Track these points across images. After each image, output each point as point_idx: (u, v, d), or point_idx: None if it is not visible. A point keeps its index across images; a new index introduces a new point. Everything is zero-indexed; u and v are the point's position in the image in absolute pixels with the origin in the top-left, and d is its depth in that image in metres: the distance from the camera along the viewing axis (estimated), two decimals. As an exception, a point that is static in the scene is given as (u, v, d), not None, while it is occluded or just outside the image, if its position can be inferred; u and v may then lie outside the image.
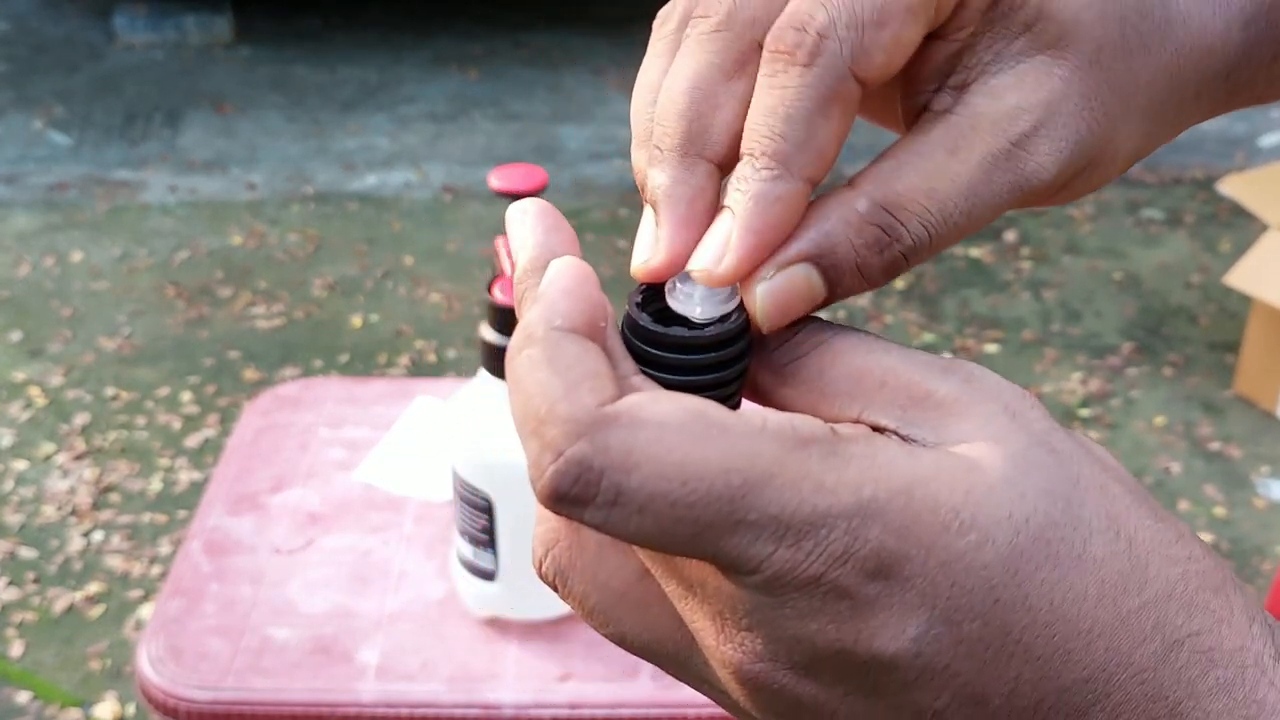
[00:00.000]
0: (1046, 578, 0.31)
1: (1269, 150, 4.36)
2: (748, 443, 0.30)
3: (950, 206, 0.34)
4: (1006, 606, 0.31)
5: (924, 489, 0.31)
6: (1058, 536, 0.31)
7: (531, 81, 4.83)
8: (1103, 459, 0.34)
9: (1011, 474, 0.31)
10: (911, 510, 0.30)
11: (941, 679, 0.31)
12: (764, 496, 0.30)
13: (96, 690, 2.28)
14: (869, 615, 0.31)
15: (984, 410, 0.32)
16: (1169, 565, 0.32)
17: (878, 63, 0.33)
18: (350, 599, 1.18)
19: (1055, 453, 0.32)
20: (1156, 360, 3.22)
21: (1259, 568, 2.55)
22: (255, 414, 1.43)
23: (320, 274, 3.57)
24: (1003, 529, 0.31)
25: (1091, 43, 0.35)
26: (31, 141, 4.34)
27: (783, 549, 0.30)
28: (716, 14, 0.35)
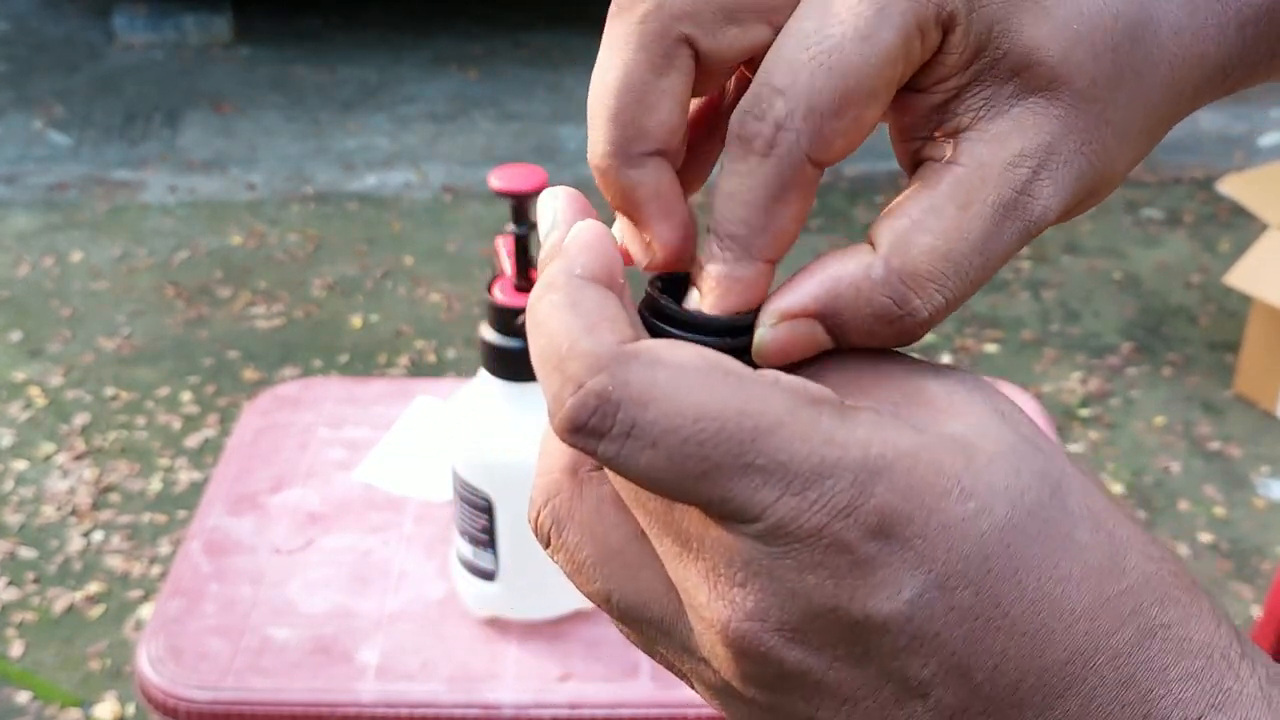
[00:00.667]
0: (1036, 554, 0.31)
1: (1268, 150, 4.36)
2: (762, 391, 0.31)
3: (966, 265, 0.34)
4: (998, 578, 0.31)
5: (929, 453, 0.31)
6: (1050, 517, 0.32)
7: (531, 81, 4.83)
8: (1082, 467, 0.35)
9: (1008, 453, 0.32)
10: (917, 472, 0.31)
11: (930, 646, 0.31)
12: (773, 442, 0.31)
13: (96, 690, 2.28)
14: (867, 573, 0.31)
15: (975, 411, 0.33)
16: (1146, 560, 0.33)
17: (836, 148, 0.34)
18: (350, 599, 1.18)
19: (1041, 451, 0.33)
20: (1156, 360, 3.22)
21: (1259, 568, 2.55)
22: (255, 414, 1.43)
23: (320, 274, 3.57)
24: (1000, 500, 0.31)
25: (1085, 79, 0.35)
26: (31, 141, 4.34)
27: (788, 496, 0.30)
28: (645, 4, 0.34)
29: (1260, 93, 4.75)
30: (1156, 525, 2.66)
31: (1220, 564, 2.56)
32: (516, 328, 1.04)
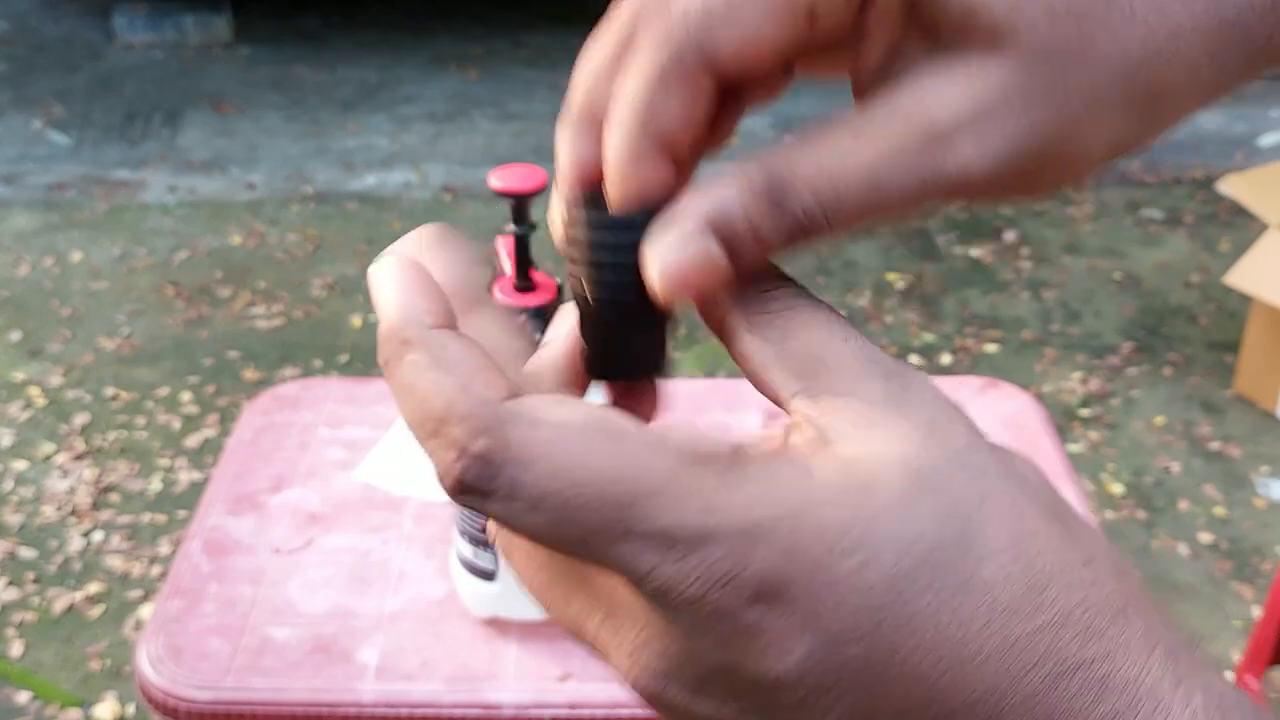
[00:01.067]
0: (932, 600, 0.31)
1: (1269, 150, 4.36)
2: (643, 453, 0.31)
3: (844, 184, 0.34)
4: (890, 628, 0.31)
5: (813, 512, 0.31)
6: (946, 559, 0.31)
7: (531, 81, 4.83)
8: (1023, 476, 0.33)
9: (907, 495, 0.31)
10: (799, 532, 0.30)
11: (828, 699, 0.31)
12: (651, 509, 0.30)
13: (96, 690, 2.28)
14: (753, 638, 0.31)
15: (906, 422, 0.33)
16: (1068, 590, 0.32)
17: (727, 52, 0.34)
18: (350, 599, 1.18)
19: (967, 469, 0.32)
20: (1156, 360, 3.22)
21: (1259, 568, 2.55)
22: (255, 414, 1.43)
23: (320, 274, 3.57)
24: (888, 551, 0.31)
25: (1036, 39, 0.34)
26: (31, 141, 4.34)
27: (667, 563, 0.30)
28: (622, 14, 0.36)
29: (1260, 93, 4.75)
30: (1156, 525, 2.66)
31: (1220, 564, 2.56)
32: (516, 327, 1.04)
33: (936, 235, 3.80)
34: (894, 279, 3.57)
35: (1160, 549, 2.60)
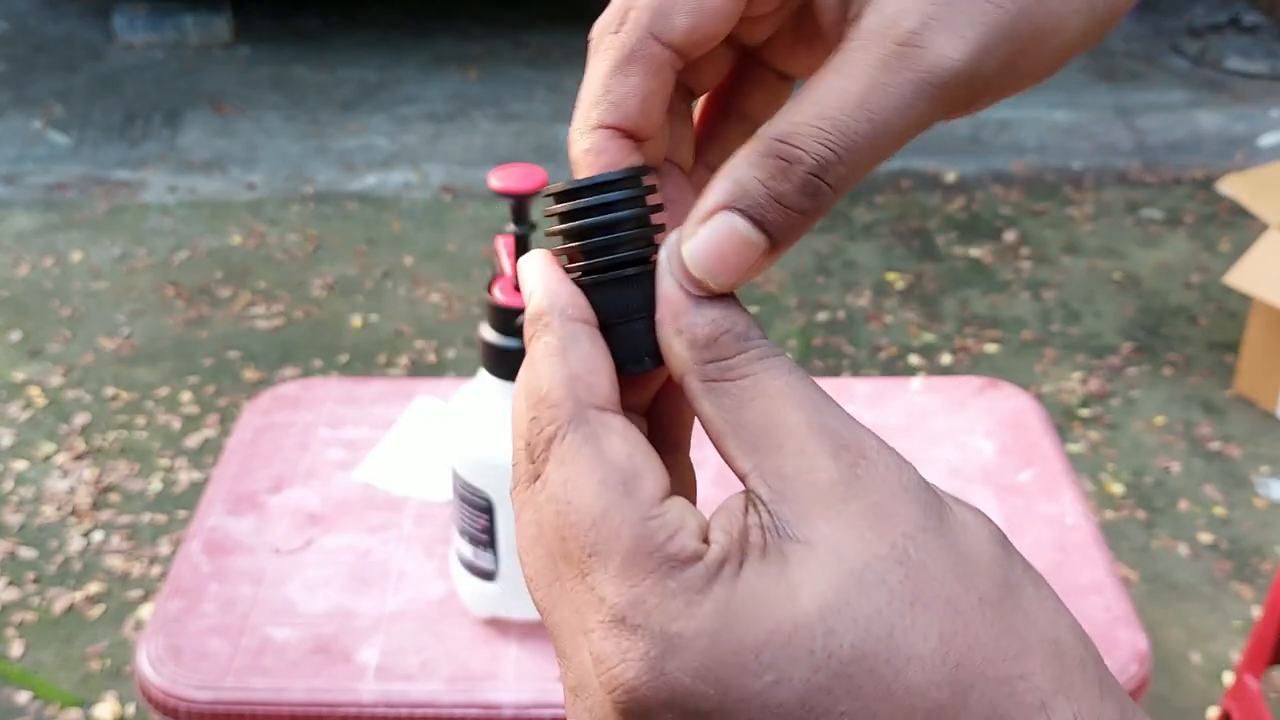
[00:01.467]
0: (848, 710, 0.31)
1: (1269, 150, 4.36)
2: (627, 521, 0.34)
3: (844, 120, 0.35)
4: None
5: (731, 632, 0.32)
6: (865, 669, 0.31)
7: (531, 81, 4.83)
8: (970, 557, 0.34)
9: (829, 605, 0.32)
10: (714, 651, 0.32)
11: None
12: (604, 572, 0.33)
13: (96, 690, 2.28)
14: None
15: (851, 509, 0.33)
16: (995, 686, 0.32)
17: (680, 26, 0.36)
18: (350, 599, 1.18)
19: (905, 564, 0.33)
20: (1156, 360, 3.22)
21: (1259, 568, 2.55)
22: (255, 414, 1.43)
23: (320, 274, 3.57)
24: (801, 667, 0.31)
25: None
26: (31, 141, 4.34)
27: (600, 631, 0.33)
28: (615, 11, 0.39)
29: (1260, 93, 4.75)
30: (1156, 525, 2.66)
31: (1220, 564, 2.56)
32: (517, 328, 1.04)
33: (936, 235, 3.80)
34: (894, 279, 3.56)
35: (1160, 549, 2.60)
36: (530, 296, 0.38)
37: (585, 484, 0.34)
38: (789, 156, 0.35)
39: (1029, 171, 4.20)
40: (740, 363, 0.36)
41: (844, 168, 0.35)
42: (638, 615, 0.33)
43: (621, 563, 0.33)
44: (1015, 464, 1.37)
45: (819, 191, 0.35)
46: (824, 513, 0.33)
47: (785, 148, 0.35)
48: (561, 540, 0.34)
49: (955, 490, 1.34)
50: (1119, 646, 1.15)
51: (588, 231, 0.38)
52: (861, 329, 3.32)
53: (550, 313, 0.37)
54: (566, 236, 0.38)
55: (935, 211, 3.94)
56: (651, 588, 0.33)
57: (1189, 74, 4.91)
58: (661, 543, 0.33)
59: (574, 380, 0.36)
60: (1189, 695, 2.26)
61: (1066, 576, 1.22)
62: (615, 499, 0.34)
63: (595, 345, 0.37)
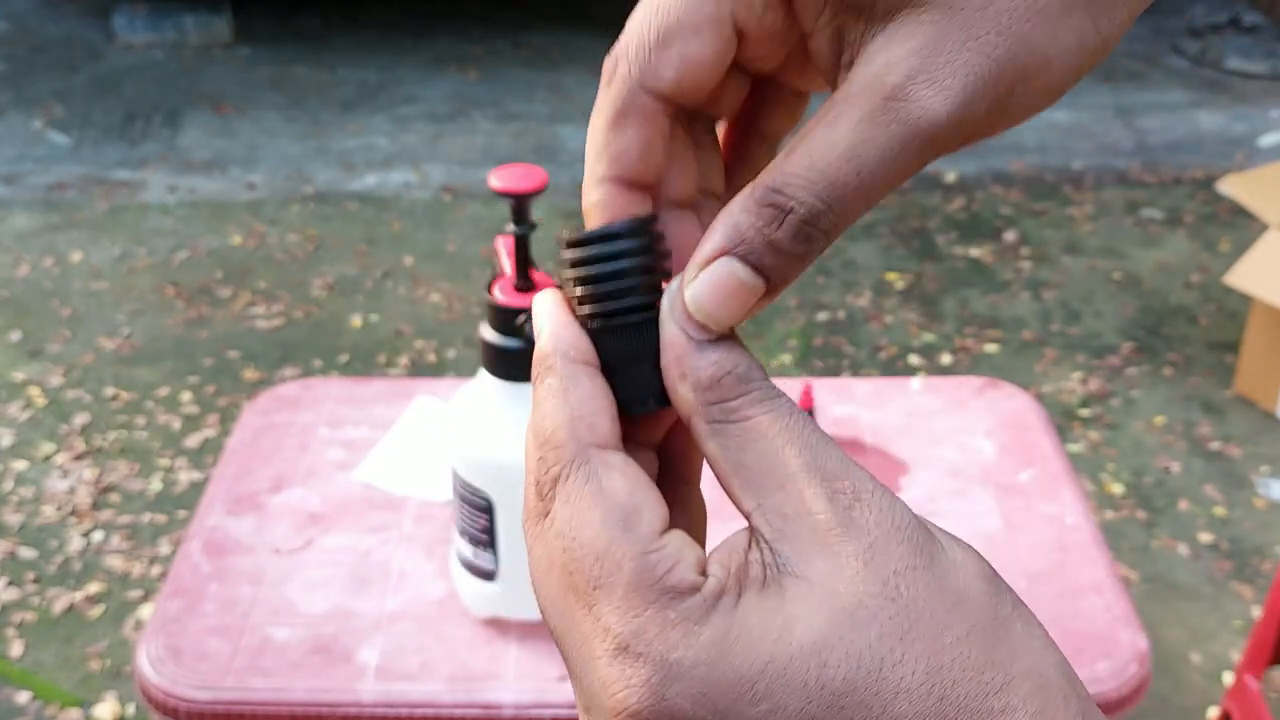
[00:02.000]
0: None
1: (1269, 150, 4.36)
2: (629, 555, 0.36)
3: (833, 171, 0.36)
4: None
5: (728, 660, 0.34)
6: (855, 701, 0.33)
7: (531, 82, 4.83)
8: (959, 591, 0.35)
9: (822, 640, 0.34)
10: (711, 679, 0.34)
11: None
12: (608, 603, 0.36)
13: (96, 690, 2.28)
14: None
15: (846, 548, 0.35)
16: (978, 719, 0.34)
17: (667, 78, 0.38)
18: (350, 599, 1.18)
19: (896, 601, 0.34)
20: (1156, 360, 3.22)
21: (1259, 568, 2.55)
22: (255, 414, 1.43)
23: (320, 274, 3.57)
24: (795, 698, 0.33)
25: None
26: (31, 141, 4.34)
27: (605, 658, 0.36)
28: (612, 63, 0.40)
29: (1260, 93, 4.75)
30: (1156, 525, 2.66)
31: (1220, 564, 2.56)
32: (516, 328, 1.04)
33: (936, 235, 3.80)
34: (894, 279, 3.57)
35: (1160, 549, 2.60)
36: (538, 338, 0.40)
37: (588, 521, 0.37)
38: (782, 205, 0.37)
39: (1029, 171, 4.20)
40: (742, 405, 0.38)
41: (833, 216, 0.37)
42: (640, 644, 0.35)
43: (624, 594, 0.35)
44: (1015, 464, 1.37)
45: (811, 237, 0.37)
46: (821, 552, 0.35)
47: (778, 197, 0.37)
48: (569, 574, 0.37)
49: (955, 490, 1.34)
50: (1119, 646, 1.15)
51: (595, 279, 0.40)
52: (861, 329, 3.32)
53: (554, 355, 0.39)
54: (576, 283, 0.40)
55: (935, 211, 3.94)
56: (652, 618, 0.35)
57: (1189, 74, 4.91)
58: (661, 575, 0.35)
59: (576, 421, 0.38)
60: (1189, 695, 2.27)
61: (1066, 576, 1.22)
62: (616, 535, 0.36)
63: (596, 386, 0.39)
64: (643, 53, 0.38)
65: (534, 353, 0.40)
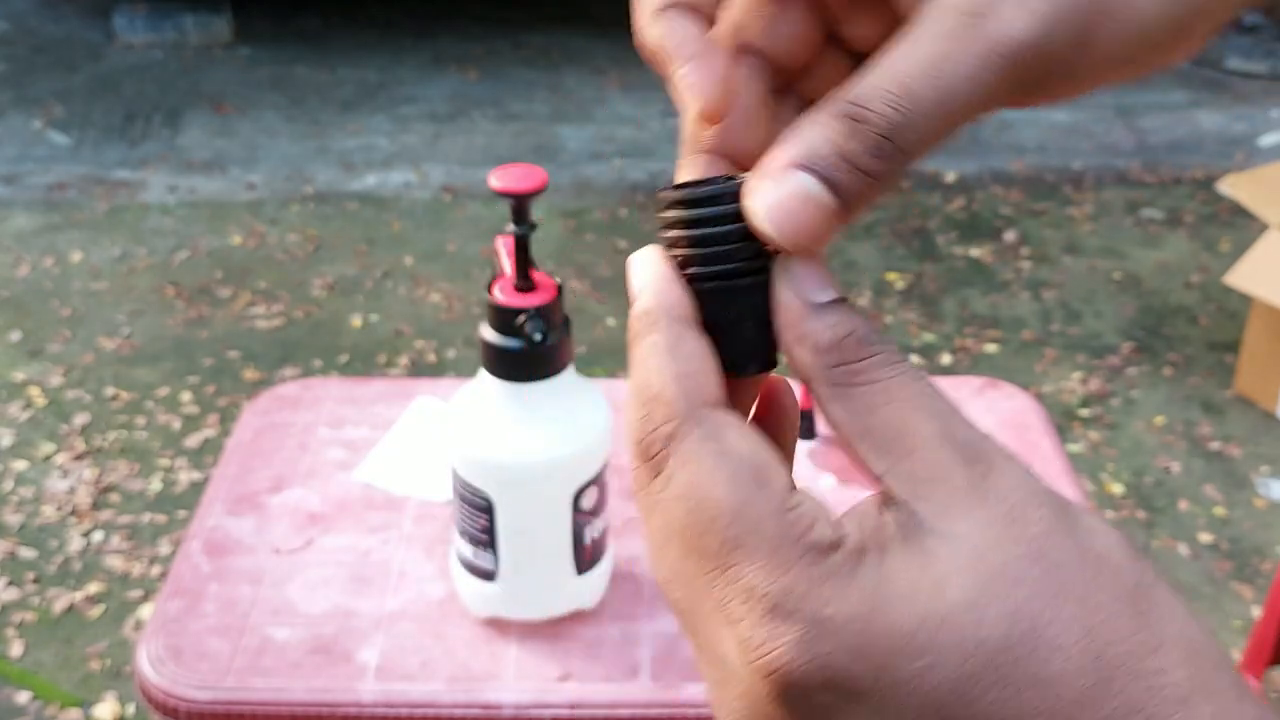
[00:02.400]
0: (997, 697, 0.33)
1: (1269, 150, 4.37)
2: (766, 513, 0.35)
3: (914, 84, 0.35)
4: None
5: (884, 615, 0.33)
6: (1012, 658, 0.33)
7: (531, 82, 4.84)
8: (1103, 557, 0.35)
9: (976, 598, 0.33)
10: (868, 633, 0.33)
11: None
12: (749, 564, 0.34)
13: (96, 690, 2.28)
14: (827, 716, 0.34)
15: (986, 513, 0.34)
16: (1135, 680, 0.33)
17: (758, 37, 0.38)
18: (350, 599, 1.18)
19: (1042, 562, 0.34)
20: (1156, 360, 3.22)
21: (1259, 568, 2.55)
22: (255, 414, 1.44)
23: (320, 274, 3.57)
24: (953, 654, 0.33)
25: None
26: (31, 141, 4.34)
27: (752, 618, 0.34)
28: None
29: (1260, 93, 4.75)
30: (1156, 525, 2.67)
31: (1220, 564, 2.56)
32: (516, 328, 1.04)
33: (936, 235, 3.81)
34: (894, 279, 3.57)
35: (1160, 549, 2.60)
36: (639, 294, 0.39)
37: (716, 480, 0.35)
38: (858, 117, 0.35)
39: (1029, 171, 4.20)
40: (867, 367, 0.37)
41: (912, 132, 0.36)
42: (790, 601, 0.34)
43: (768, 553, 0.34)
44: (1015, 464, 1.37)
45: (887, 153, 0.36)
46: (963, 515, 0.34)
47: (854, 109, 0.36)
48: (699, 537, 0.35)
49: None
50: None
51: (704, 240, 0.38)
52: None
53: (658, 311, 0.38)
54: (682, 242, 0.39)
55: (935, 211, 3.94)
56: (800, 575, 0.34)
57: (1189, 74, 4.91)
58: (803, 532, 0.34)
59: (685, 378, 0.37)
60: (1189, 695, 2.26)
61: (1066, 576, 1.22)
62: (751, 493, 0.35)
63: (703, 345, 0.38)
64: None
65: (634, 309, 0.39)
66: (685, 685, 1.09)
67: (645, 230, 3.78)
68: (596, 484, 1.11)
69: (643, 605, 1.17)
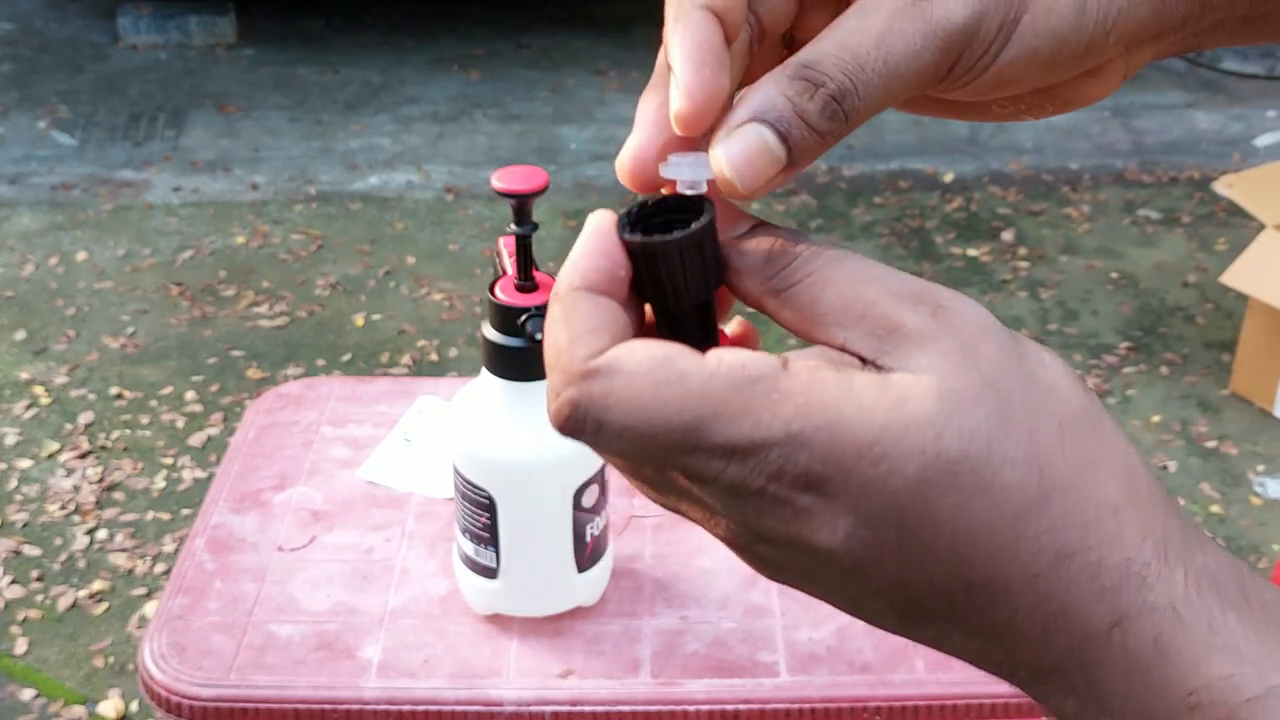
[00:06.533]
0: (953, 501, 0.37)
1: (1265, 150, 4.37)
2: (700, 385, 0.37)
3: (863, 54, 0.40)
4: (916, 521, 0.37)
5: (846, 424, 0.37)
6: (967, 468, 0.37)
7: (533, 82, 4.84)
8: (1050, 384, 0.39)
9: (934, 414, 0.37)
10: (834, 442, 0.37)
11: (871, 569, 0.38)
12: (711, 429, 0.37)
13: (100, 687, 2.30)
14: (807, 518, 0.38)
15: (942, 346, 0.38)
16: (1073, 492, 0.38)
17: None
18: (353, 596, 1.19)
19: (995, 389, 0.38)
20: (1153, 359, 3.23)
21: (1255, 565, 2.56)
22: (258, 412, 1.45)
23: (323, 273, 3.58)
24: (912, 462, 0.37)
25: None
26: (36, 142, 4.35)
27: (732, 466, 0.38)
28: None
29: (1256, 94, 4.76)
30: (1154, 524, 2.67)
31: (1217, 562, 2.57)
32: (518, 327, 1.05)
33: (934, 235, 3.81)
34: (893, 279, 3.57)
35: (1157, 547, 2.61)
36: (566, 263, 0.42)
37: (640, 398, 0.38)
38: (814, 79, 0.40)
39: (1026, 172, 4.21)
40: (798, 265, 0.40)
41: (858, 98, 0.40)
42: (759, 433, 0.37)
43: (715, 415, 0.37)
44: (1009, 463, 1.38)
45: (836, 115, 0.40)
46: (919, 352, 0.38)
47: (810, 72, 0.40)
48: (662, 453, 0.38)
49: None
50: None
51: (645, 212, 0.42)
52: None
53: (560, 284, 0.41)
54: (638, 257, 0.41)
55: (933, 211, 3.95)
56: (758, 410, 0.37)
57: (1185, 74, 4.91)
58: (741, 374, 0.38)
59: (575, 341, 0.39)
60: (1185, 692, 2.27)
61: (1059, 574, 1.23)
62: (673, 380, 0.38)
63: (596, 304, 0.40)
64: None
65: None
66: (686, 681, 1.10)
67: (646, 230, 3.79)
68: (597, 481, 1.12)
69: (643, 602, 1.18)
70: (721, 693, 1.09)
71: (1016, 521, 0.37)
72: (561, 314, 0.40)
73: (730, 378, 0.38)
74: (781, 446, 0.37)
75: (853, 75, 0.39)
